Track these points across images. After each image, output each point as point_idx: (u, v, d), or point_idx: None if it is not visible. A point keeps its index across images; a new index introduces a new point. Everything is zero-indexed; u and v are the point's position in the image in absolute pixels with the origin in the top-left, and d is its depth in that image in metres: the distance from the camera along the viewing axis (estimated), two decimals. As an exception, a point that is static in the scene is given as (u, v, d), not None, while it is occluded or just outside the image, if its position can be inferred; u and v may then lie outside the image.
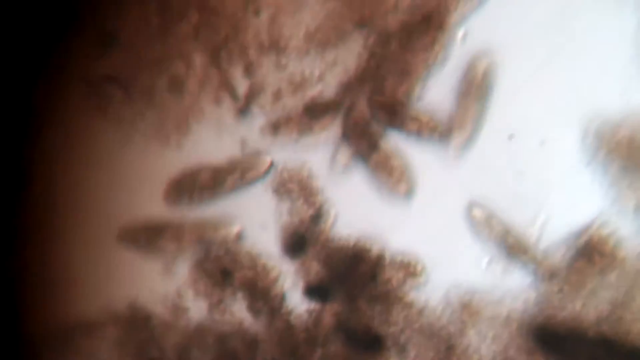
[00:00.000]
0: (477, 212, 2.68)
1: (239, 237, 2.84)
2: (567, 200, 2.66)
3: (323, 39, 2.71)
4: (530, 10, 2.65)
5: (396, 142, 2.78)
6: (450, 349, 2.73)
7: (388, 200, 2.80)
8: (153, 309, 2.89)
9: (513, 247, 2.67)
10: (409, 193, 2.79)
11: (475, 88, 2.70)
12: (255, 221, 2.84)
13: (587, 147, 2.62)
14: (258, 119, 2.79)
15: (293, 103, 2.75)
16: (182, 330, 2.86)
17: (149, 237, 2.80)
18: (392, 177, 2.75)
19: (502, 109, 2.70)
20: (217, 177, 2.77)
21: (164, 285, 2.89)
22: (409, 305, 2.74)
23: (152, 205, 2.81)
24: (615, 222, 2.61)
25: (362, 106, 2.74)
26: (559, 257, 2.66)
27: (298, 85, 2.75)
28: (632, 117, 2.61)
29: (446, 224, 2.75)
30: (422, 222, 2.76)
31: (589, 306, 2.64)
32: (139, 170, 2.86)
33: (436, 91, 2.73)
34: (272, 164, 2.83)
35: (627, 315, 2.62)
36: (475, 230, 2.70)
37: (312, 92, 2.75)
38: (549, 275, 2.67)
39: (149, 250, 2.82)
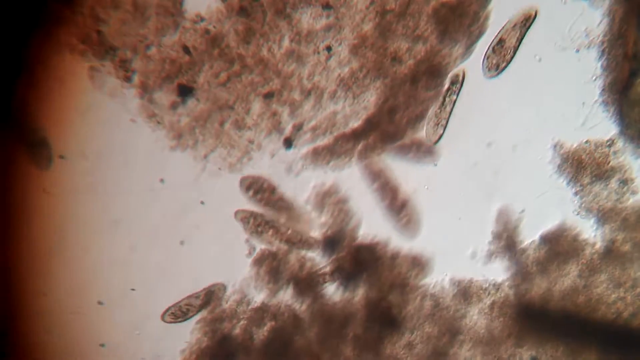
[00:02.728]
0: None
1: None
2: (539, 207, 2.87)
3: (348, 87, 2.87)
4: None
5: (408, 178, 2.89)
6: (449, 324, 2.89)
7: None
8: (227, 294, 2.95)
9: (498, 246, 2.90)
10: (416, 233, 2.94)
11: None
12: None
13: (554, 166, 2.87)
14: (300, 149, 2.89)
15: (326, 136, 2.87)
16: (244, 312, 2.94)
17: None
18: (401, 217, 2.91)
19: (486, 126, 2.90)
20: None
21: (234, 275, 2.94)
22: (418, 291, 2.90)
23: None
24: (577, 224, 2.86)
25: (377, 138, 2.88)
26: (532, 251, 2.89)
27: (330, 123, 2.88)
28: (588, 143, 2.86)
29: (443, 228, 2.91)
30: (426, 227, 2.91)
31: (554, 288, 2.84)
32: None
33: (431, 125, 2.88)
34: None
35: (583, 295, 2.86)
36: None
37: (340, 127, 2.87)
38: (524, 266, 2.88)
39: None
